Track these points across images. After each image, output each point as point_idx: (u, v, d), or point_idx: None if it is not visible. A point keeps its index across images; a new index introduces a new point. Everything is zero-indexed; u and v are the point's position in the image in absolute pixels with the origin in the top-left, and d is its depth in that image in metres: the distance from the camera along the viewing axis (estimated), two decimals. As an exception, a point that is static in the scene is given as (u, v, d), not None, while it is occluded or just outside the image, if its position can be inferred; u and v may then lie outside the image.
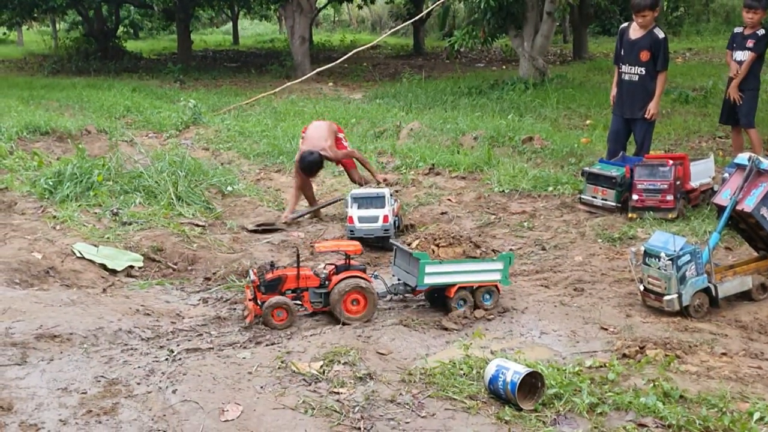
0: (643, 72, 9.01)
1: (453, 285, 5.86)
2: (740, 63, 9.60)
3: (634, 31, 9.07)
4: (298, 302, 5.88)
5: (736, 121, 9.84)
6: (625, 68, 9.15)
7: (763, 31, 9.46)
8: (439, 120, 13.49)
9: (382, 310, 6.05)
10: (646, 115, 9.03)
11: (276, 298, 5.71)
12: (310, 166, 8.51)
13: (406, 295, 6.20)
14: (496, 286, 5.97)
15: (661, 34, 8.99)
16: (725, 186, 6.21)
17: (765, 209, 5.92)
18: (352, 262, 6.01)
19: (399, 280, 6.19)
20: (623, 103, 9.23)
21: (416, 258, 5.84)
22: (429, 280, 5.87)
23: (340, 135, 8.96)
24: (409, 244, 6.10)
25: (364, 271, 5.97)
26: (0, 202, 8.27)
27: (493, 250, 6.14)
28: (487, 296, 5.95)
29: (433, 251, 5.93)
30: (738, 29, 9.78)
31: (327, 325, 5.71)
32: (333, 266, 6.03)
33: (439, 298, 6.04)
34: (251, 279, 5.86)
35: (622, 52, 9.18)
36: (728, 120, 10.01)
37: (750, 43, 9.48)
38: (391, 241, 6.61)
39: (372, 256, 7.57)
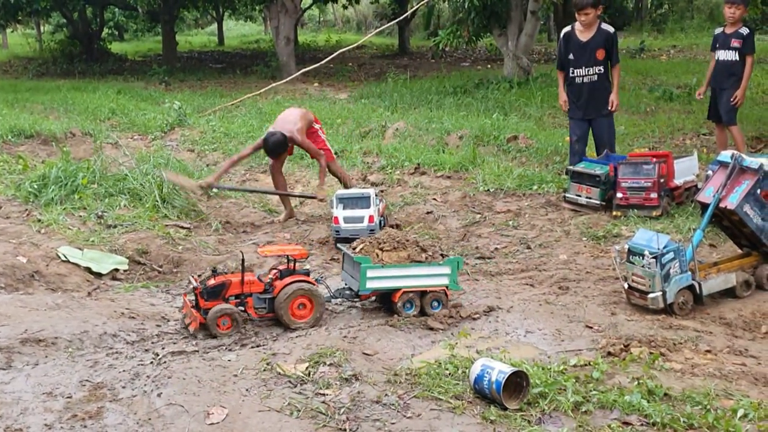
0: (602, 70, 9.05)
1: (398, 290, 5.79)
2: (724, 62, 9.58)
3: (582, 33, 9.04)
4: (242, 308, 5.73)
5: (720, 118, 9.86)
6: (579, 71, 9.09)
7: (747, 30, 9.46)
8: (424, 119, 13.51)
9: (367, 310, 6.06)
10: (610, 108, 9.05)
11: (221, 306, 5.56)
12: (272, 146, 8.51)
13: (353, 300, 6.10)
14: (445, 292, 5.89)
15: (611, 29, 9.08)
16: (708, 183, 6.24)
17: (748, 206, 5.96)
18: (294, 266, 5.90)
19: (346, 284, 6.12)
20: (583, 106, 9.18)
21: (358, 262, 5.80)
22: (372, 285, 5.79)
23: (316, 126, 8.94)
24: (354, 248, 6.03)
25: (307, 275, 5.88)
26: (-16, 206, 8.24)
27: (441, 255, 6.04)
28: (435, 304, 5.85)
29: (377, 255, 5.87)
30: (718, 30, 9.76)
31: (312, 326, 5.71)
32: (276, 271, 5.93)
33: (389, 302, 5.94)
34: (193, 286, 5.72)
35: (571, 56, 9.11)
36: (715, 116, 10.02)
37: (736, 43, 9.43)
38: (338, 245, 6.54)
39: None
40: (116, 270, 7.01)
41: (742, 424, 4.08)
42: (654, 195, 8.05)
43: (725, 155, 6.17)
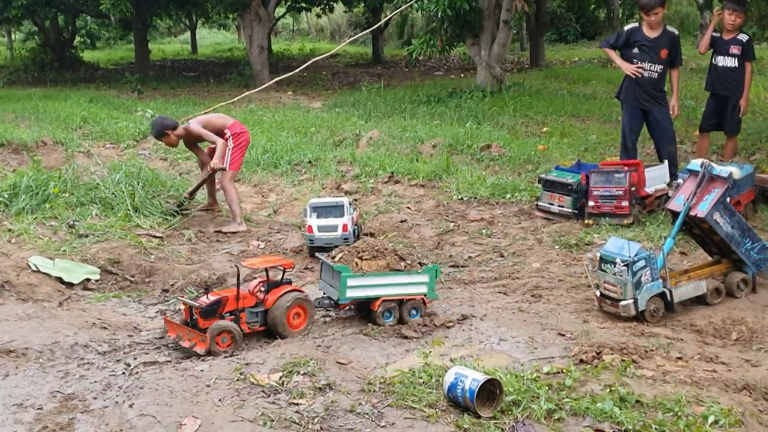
0: (662, 69, 9.20)
1: (377, 298, 5.81)
2: (724, 68, 9.57)
3: (649, 31, 9.08)
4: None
5: (716, 127, 9.92)
6: (644, 65, 9.15)
7: (746, 36, 9.51)
8: (398, 128, 13.52)
9: (341, 319, 6.05)
10: (673, 114, 9.40)
11: (219, 323, 5.42)
12: (152, 127, 9.22)
13: (332, 309, 6.08)
14: (423, 300, 5.93)
15: (675, 31, 9.26)
16: (679, 192, 6.31)
17: (718, 214, 6.03)
18: (275, 278, 5.89)
19: (324, 293, 6.11)
20: (644, 99, 9.30)
21: (338, 271, 5.80)
22: (351, 294, 5.80)
23: (228, 132, 8.75)
24: (333, 257, 6.03)
25: (290, 284, 5.88)
26: (-47, 216, 8.14)
27: (419, 263, 6.05)
28: (414, 312, 5.89)
29: (357, 264, 5.87)
30: (716, 33, 9.68)
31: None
32: (260, 283, 5.86)
33: (367, 311, 5.95)
34: (192, 305, 5.54)
35: (636, 50, 9.12)
36: (709, 124, 10.00)
37: (735, 49, 9.43)
38: (316, 254, 6.54)
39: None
40: (88, 280, 6.95)
41: (712, 430, 4.12)
42: (625, 203, 8.11)
43: (695, 164, 6.24)
